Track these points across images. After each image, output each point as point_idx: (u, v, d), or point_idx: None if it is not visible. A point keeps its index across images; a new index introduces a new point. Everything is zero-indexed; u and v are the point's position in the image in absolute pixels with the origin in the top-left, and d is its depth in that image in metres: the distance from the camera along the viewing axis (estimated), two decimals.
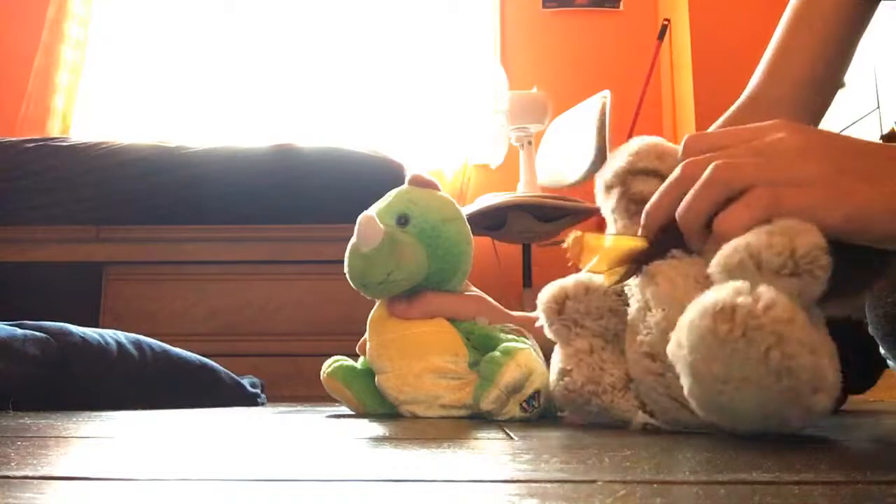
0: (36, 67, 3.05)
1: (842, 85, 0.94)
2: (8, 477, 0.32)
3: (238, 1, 3.28)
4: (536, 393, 0.75)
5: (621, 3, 3.14)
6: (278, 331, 1.90)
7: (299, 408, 1.11)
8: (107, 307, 1.93)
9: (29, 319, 1.07)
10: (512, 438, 0.52)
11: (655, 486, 0.30)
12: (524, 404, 0.76)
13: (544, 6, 3.17)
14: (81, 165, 2.01)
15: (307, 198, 1.97)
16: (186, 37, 3.25)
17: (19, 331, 1.00)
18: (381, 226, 0.83)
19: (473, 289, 0.94)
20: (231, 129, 3.11)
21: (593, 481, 0.31)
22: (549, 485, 0.31)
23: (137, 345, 1.14)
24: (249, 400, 1.26)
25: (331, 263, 2.05)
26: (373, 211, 0.88)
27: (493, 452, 0.44)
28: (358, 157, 2.02)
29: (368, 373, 0.92)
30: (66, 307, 1.92)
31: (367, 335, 0.92)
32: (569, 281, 0.71)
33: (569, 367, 0.67)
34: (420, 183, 0.92)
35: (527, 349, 0.77)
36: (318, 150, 2.05)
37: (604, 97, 2.53)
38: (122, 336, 1.14)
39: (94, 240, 1.96)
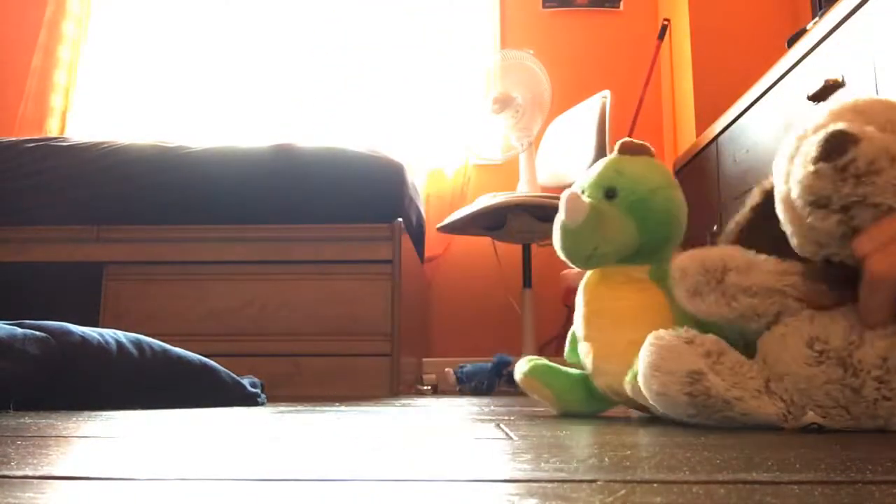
0: (34, 67, 3.05)
1: (841, 84, 0.94)
2: (8, 477, 0.32)
3: (237, 0, 3.28)
4: None
5: (621, 3, 3.14)
6: (278, 331, 1.90)
7: (299, 408, 1.11)
8: (107, 307, 1.93)
9: (29, 319, 1.07)
10: (512, 438, 0.52)
11: (655, 485, 0.30)
12: None
13: (544, 6, 3.17)
14: (81, 165, 2.01)
15: (307, 198, 1.97)
16: (185, 37, 3.25)
17: (19, 330, 1.00)
18: (587, 201, 0.83)
19: None
20: (231, 129, 3.10)
21: (593, 481, 0.31)
22: (549, 484, 0.31)
23: (137, 344, 1.14)
24: (249, 400, 1.25)
25: (331, 263, 2.06)
26: (579, 185, 0.89)
27: (493, 452, 0.44)
28: (358, 157, 2.02)
29: (565, 372, 0.93)
30: (67, 307, 1.92)
31: (578, 298, 0.91)
32: (718, 250, 0.73)
33: (702, 370, 0.67)
34: (630, 150, 0.90)
35: None
36: (318, 150, 2.05)
37: (604, 97, 2.53)
38: (122, 336, 1.14)
39: (94, 240, 1.96)
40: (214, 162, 2.01)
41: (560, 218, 0.84)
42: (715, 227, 2.12)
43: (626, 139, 0.91)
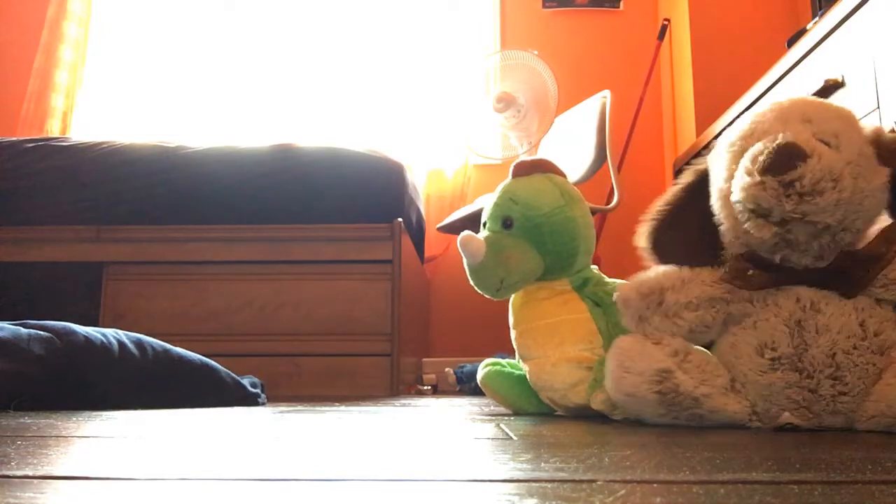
0: (36, 68, 3.05)
1: (841, 84, 0.94)
2: (8, 476, 0.32)
3: (238, 1, 3.28)
4: None
5: (621, 3, 3.14)
6: (278, 331, 1.90)
7: (299, 408, 1.11)
8: (107, 307, 1.93)
9: (30, 319, 1.07)
10: (512, 438, 0.52)
11: (655, 485, 0.30)
12: None
13: (544, 6, 3.17)
14: (82, 165, 2.01)
15: (307, 198, 1.97)
16: (186, 37, 3.25)
17: (24, 330, 1.00)
18: (482, 239, 0.86)
19: None
20: (231, 129, 3.10)
21: (593, 481, 0.31)
22: (548, 484, 0.31)
23: (139, 344, 1.14)
24: (250, 400, 1.25)
25: (331, 263, 2.06)
26: (484, 216, 0.91)
27: (493, 452, 0.44)
28: (357, 157, 2.02)
29: (516, 377, 0.95)
30: (67, 307, 1.92)
31: (510, 320, 0.94)
32: (653, 273, 0.74)
33: (671, 368, 0.67)
34: (523, 171, 0.92)
35: None
36: (318, 150, 2.04)
37: (604, 97, 2.53)
38: (124, 335, 1.14)
39: (94, 240, 1.96)
40: (214, 162, 2.01)
41: (463, 259, 0.87)
42: None
43: (519, 160, 0.92)
